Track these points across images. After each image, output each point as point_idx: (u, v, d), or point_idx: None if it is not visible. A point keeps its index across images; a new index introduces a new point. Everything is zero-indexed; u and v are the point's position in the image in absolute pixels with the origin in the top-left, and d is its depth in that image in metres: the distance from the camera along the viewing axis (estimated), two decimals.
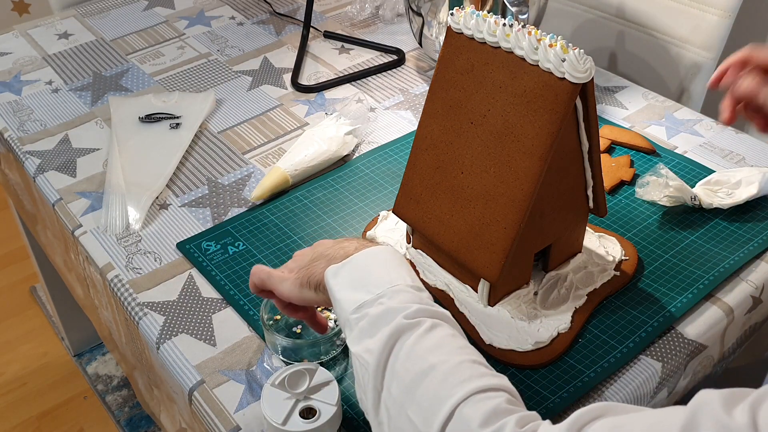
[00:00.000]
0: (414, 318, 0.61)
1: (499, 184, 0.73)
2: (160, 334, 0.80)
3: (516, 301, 0.80)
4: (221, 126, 1.11)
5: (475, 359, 0.59)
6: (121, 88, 1.20)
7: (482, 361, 0.60)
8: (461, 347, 0.60)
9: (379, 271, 0.65)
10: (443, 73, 0.77)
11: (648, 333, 0.78)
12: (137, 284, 0.86)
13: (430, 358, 0.58)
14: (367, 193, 0.97)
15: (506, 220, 0.73)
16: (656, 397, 0.77)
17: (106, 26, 1.37)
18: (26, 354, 1.79)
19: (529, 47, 0.69)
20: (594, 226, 0.89)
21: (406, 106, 1.14)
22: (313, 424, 0.65)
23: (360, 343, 0.62)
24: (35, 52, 1.31)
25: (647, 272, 0.85)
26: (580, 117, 0.72)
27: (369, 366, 0.59)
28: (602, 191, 0.80)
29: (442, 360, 0.58)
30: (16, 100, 1.19)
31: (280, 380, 0.68)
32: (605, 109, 1.12)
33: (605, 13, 1.34)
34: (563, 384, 0.73)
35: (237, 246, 0.90)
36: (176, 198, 0.98)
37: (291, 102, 1.16)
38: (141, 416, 1.64)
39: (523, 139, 0.71)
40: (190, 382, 0.76)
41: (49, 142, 1.09)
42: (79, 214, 0.96)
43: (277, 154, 1.05)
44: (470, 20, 0.74)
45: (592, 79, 0.68)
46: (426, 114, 0.79)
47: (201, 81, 1.21)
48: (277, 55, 1.27)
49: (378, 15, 1.38)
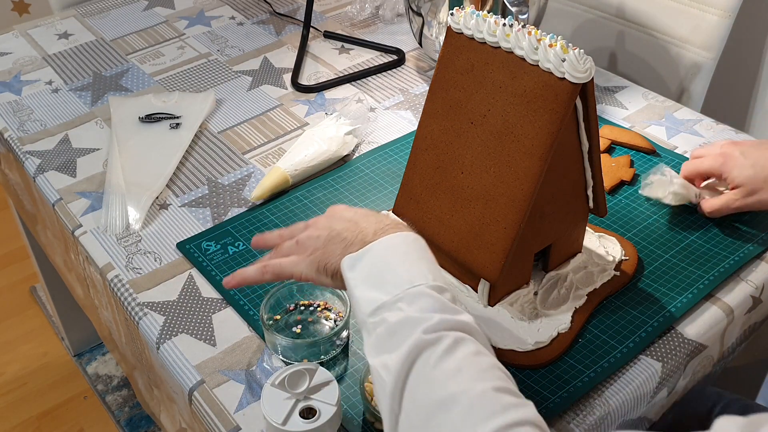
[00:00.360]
0: (434, 332, 0.57)
1: (499, 184, 0.73)
2: (160, 334, 0.80)
3: (516, 301, 0.80)
4: (221, 126, 1.11)
5: (499, 386, 0.55)
6: (121, 88, 1.20)
7: (507, 385, 0.56)
8: (484, 370, 0.56)
9: (399, 267, 0.62)
10: (443, 73, 0.77)
11: (648, 333, 0.78)
12: (137, 284, 0.86)
13: (451, 385, 0.55)
14: (367, 193, 0.97)
15: (506, 220, 0.73)
16: (656, 397, 0.77)
17: (106, 26, 1.37)
18: (26, 354, 1.79)
19: (529, 47, 0.69)
20: (594, 226, 0.89)
21: (406, 106, 1.14)
22: (313, 424, 0.65)
23: (378, 355, 0.59)
24: (35, 52, 1.31)
25: (647, 272, 0.85)
26: (580, 117, 0.72)
27: (386, 386, 0.57)
28: (602, 191, 0.80)
29: (463, 389, 0.54)
30: (16, 100, 1.19)
31: (280, 380, 0.68)
32: (605, 109, 1.12)
33: (605, 13, 1.33)
34: (563, 384, 0.73)
35: (237, 246, 0.90)
36: (176, 198, 0.98)
37: (291, 102, 1.16)
38: (141, 416, 1.64)
39: (523, 139, 0.71)
40: (190, 382, 0.76)
41: (49, 142, 1.09)
42: (79, 214, 0.96)
43: (277, 154, 1.05)
44: (470, 20, 0.74)
45: (592, 79, 0.68)
46: (426, 114, 0.79)
47: (201, 81, 1.21)
48: (277, 55, 1.27)
49: (378, 15, 1.38)
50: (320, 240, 0.68)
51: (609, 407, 0.72)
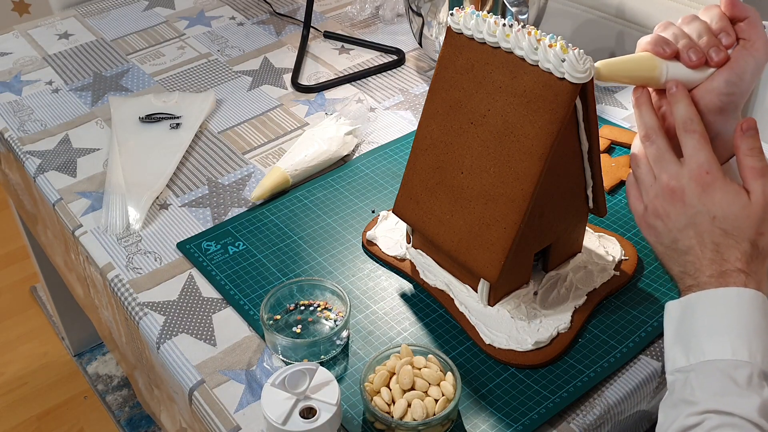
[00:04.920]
0: (699, 415, 0.57)
1: (499, 184, 0.73)
2: (160, 334, 0.81)
3: (516, 301, 0.80)
4: (221, 126, 1.11)
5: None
6: (122, 88, 1.20)
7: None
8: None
9: (712, 326, 0.60)
10: (443, 73, 0.77)
11: (648, 333, 0.78)
12: (137, 284, 0.86)
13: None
14: (367, 193, 0.97)
15: (506, 220, 0.73)
16: (656, 397, 0.77)
17: (107, 26, 1.37)
18: (26, 354, 1.79)
19: (529, 47, 0.69)
20: (594, 226, 0.89)
21: (406, 106, 1.15)
22: (313, 424, 0.65)
23: (663, 410, 0.61)
24: (35, 52, 1.31)
25: (647, 272, 0.85)
26: (580, 117, 0.72)
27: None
28: (602, 191, 0.80)
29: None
30: (17, 100, 1.19)
31: (280, 380, 0.68)
32: (605, 109, 1.12)
33: (605, 13, 1.33)
34: (563, 384, 0.73)
35: (237, 246, 0.90)
36: (176, 198, 0.98)
37: (291, 102, 1.16)
38: (141, 416, 1.64)
39: (523, 139, 0.71)
40: (190, 381, 0.76)
41: (50, 142, 1.09)
42: (80, 214, 0.96)
43: (277, 154, 1.05)
44: (470, 20, 0.74)
45: (592, 79, 0.68)
46: (426, 114, 0.79)
47: (201, 81, 1.21)
48: (277, 55, 1.28)
49: (378, 15, 1.38)
50: (664, 226, 0.66)
51: (609, 407, 0.72)
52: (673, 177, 0.66)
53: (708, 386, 0.58)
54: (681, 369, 0.60)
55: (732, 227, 0.63)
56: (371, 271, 0.87)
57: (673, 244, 0.66)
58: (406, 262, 0.86)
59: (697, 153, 0.65)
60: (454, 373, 0.71)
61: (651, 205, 0.68)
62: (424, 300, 0.83)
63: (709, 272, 0.63)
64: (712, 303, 0.61)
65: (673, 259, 0.67)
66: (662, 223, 0.67)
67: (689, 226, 0.65)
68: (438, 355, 0.72)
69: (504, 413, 0.71)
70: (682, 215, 0.65)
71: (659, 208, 0.67)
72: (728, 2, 0.68)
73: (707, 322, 0.61)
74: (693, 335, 0.61)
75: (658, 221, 0.67)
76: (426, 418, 0.68)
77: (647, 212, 0.69)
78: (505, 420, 0.70)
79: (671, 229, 0.66)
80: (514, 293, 0.80)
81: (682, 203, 0.65)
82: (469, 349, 0.77)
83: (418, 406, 0.68)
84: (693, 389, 0.58)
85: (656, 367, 0.76)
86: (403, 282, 0.85)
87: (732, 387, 0.57)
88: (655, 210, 0.67)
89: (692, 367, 0.59)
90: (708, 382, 0.58)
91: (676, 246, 0.66)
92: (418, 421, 0.68)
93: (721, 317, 0.60)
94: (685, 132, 0.66)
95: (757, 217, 0.62)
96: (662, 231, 0.67)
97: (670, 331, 0.64)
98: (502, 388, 0.73)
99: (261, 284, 0.85)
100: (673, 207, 0.66)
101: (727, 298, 0.61)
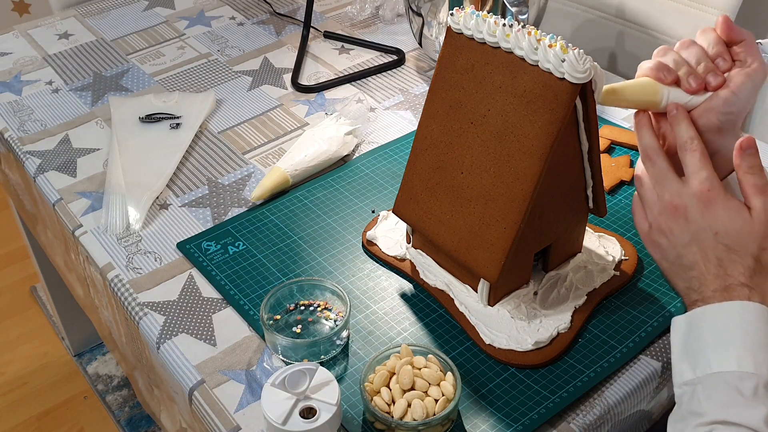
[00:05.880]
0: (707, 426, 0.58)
1: (499, 184, 0.73)
2: (160, 334, 0.81)
3: (516, 301, 0.80)
4: (221, 126, 1.11)
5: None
6: (122, 88, 1.20)
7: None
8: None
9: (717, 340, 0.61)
10: (443, 73, 0.77)
11: (648, 333, 0.78)
12: (137, 284, 0.86)
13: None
14: (367, 193, 0.97)
15: (506, 220, 0.73)
16: (656, 397, 0.77)
17: (106, 26, 1.37)
18: (26, 354, 1.79)
19: (529, 47, 0.69)
20: (594, 226, 0.89)
21: (406, 106, 1.15)
22: (313, 424, 0.65)
23: (671, 423, 0.62)
24: (35, 52, 1.31)
25: (647, 272, 0.85)
26: (580, 117, 0.72)
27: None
28: (602, 191, 0.80)
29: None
30: (17, 100, 1.19)
31: (280, 380, 0.68)
32: (605, 109, 1.12)
33: (605, 13, 1.34)
34: (563, 384, 0.73)
35: (237, 246, 0.90)
36: (176, 198, 0.98)
37: (291, 102, 1.16)
38: (141, 416, 1.64)
39: (523, 139, 0.71)
40: (190, 381, 0.76)
41: (50, 142, 1.09)
42: (80, 214, 0.96)
43: (277, 154, 1.05)
44: (470, 20, 0.74)
45: (592, 78, 0.68)
46: (426, 114, 0.80)
47: (201, 81, 1.21)
48: (277, 55, 1.28)
49: (378, 15, 1.38)
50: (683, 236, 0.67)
51: (609, 407, 0.72)
52: (675, 195, 0.67)
53: (715, 398, 0.59)
54: (688, 382, 0.61)
55: (734, 243, 0.64)
56: (371, 271, 0.87)
57: (677, 260, 0.68)
58: (406, 262, 0.86)
59: (699, 171, 0.66)
60: (454, 373, 0.71)
61: (655, 222, 0.69)
62: (424, 300, 0.83)
63: (713, 287, 0.65)
64: (717, 317, 0.63)
65: (678, 275, 0.69)
66: (666, 239, 0.68)
67: (693, 242, 0.66)
68: (438, 355, 0.72)
69: (504, 413, 0.71)
70: (685, 232, 0.67)
71: (663, 225, 0.68)
72: (724, 27, 0.70)
73: (713, 335, 0.62)
74: (699, 349, 0.62)
75: (663, 238, 0.69)
76: (426, 418, 0.68)
77: (652, 230, 0.70)
78: (505, 420, 0.70)
79: (675, 245, 0.67)
80: (514, 293, 0.80)
81: (685, 220, 0.66)
82: (469, 349, 0.77)
83: (418, 406, 0.68)
84: (700, 401, 0.59)
85: (656, 367, 0.76)
86: (403, 282, 0.85)
87: (738, 398, 0.58)
88: (659, 227, 0.69)
89: (699, 379, 0.60)
90: (715, 394, 0.59)
91: (681, 262, 0.68)
92: (418, 421, 0.68)
93: (726, 330, 0.61)
94: (686, 151, 0.68)
95: (759, 233, 0.64)
96: (667, 247, 0.69)
97: (677, 345, 0.65)
98: (502, 388, 0.73)
99: (261, 284, 0.85)
100: (676, 224, 0.67)
101: (731, 311, 0.62)
